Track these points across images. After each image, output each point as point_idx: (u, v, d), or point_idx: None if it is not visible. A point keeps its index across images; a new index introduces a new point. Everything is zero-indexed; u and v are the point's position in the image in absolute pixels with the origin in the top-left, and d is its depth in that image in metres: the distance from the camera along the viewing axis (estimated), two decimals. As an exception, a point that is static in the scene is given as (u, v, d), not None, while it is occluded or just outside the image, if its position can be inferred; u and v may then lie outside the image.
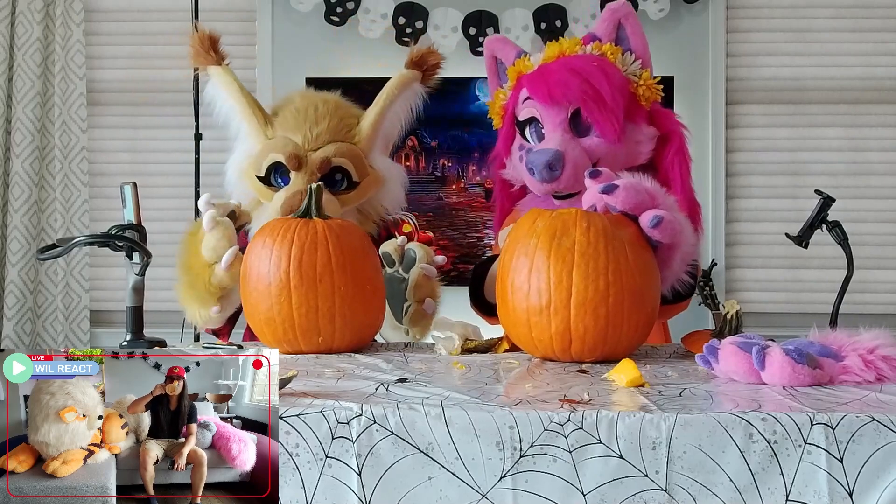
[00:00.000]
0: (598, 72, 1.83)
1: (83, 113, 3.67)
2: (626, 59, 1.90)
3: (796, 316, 3.58)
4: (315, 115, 2.00)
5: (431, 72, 2.09)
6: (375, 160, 2.03)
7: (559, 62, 1.89)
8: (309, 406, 1.11)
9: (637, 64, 1.90)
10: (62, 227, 3.64)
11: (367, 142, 2.02)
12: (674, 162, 1.89)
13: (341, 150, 1.97)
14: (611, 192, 1.51)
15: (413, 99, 2.06)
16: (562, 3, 3.55)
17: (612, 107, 1.81)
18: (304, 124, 1.99)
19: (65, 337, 3.67)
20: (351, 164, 1.97)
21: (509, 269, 1.51)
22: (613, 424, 1.08)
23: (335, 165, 1.96)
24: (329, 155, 1.95)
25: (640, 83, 1.88)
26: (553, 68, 1.89)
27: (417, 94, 2.07)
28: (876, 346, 1.35)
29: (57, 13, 3.64)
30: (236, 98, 2.04)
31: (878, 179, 3.64)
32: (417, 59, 2.08)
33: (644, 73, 1.89)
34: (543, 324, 1.47)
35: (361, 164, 1.99)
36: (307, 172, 1.94)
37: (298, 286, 1.57)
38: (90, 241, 1.64)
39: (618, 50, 1.91)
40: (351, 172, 1.97)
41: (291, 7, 3.59)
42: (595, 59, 1.87)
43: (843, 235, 1.73)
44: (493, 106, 2.06)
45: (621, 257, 1.47)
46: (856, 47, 3.64)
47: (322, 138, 1.97)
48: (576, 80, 1.82)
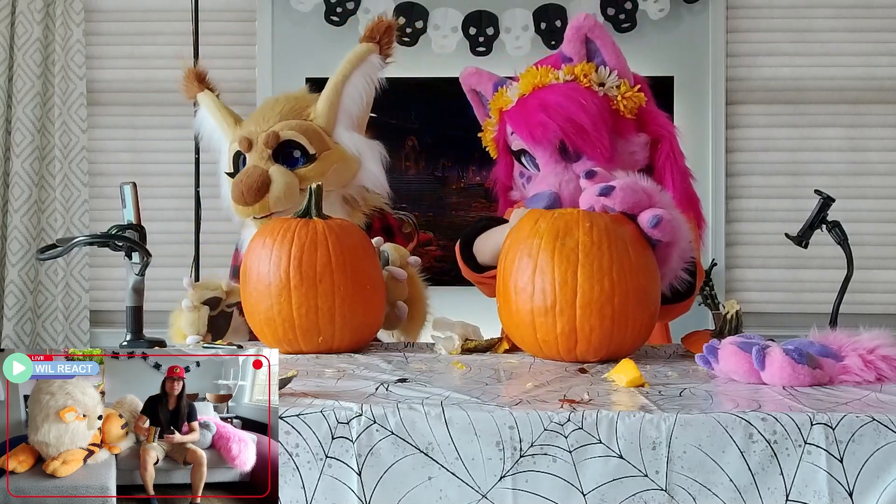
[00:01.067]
0: (573, 104, 1.80)
1: (83, 113, 3.67)
2: (601, 73, 1.86)
3: (796, 316, 3.58)
4: (273, 104, 2.05)
5: (387, 41, 2.06)
6: (340, 136, 2.03)
7: (534, 98, 1.86)
8: (309, 406, 1.11)
9: (614, 76, 1.86)
10: (62, 227, 3.64)
11: (324, 118, 2.02)
12: (665, 166, 1.88)
13: (290, 125, 1.98)
14: (608, 193, 1.51)
15: (371, 71, 2.04)
16: (562, 3, 3.55)
17: (595, 135, 1.79)
18: (261, 115, 2.04)
19: (65, 337, 3.67)
20: (303, 137, 1.97)
21: (512, 271, 1.50)
22: (613, 424, 1.08)
23: (286, 140, 1.96)
24: (276, 130, 1.97)
25: (619, 97, 1.85)
26: (530, 106, 1.86)
27: (375, 66, 2.04)
28: (876, 346, 1.35)
29: (57, 13, 3.64)
30: (215, 114, 2.10)
31: (878, 179, 3.64)
32: (370, 31, 2.05)
33: (623, 85, 1.86)
34: (549, 324, 1.46)
35: (317, 137, 1.99)
36: (257, 151, 1.96)
37: (298, 286, 1.57)
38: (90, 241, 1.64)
39: (591, 67, 1.86)
40: (304, 145, 1.97)
41: (291, 7, 3.59)
42: (569, 89, 1.83)
43: (843, 235, 1.73)
44: (484, 137, 2.05)
45: (624, 257, 1.47)
46: (856, 47, 3.64)
47: (272, 120, 2.00)
48: (553, 117, 1.81)
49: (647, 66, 3.55)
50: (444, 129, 3.51)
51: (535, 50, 3.46)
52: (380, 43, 2.04)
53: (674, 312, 1.76)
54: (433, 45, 3.57)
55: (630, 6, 3.54)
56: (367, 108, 2.08)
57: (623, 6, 3.54)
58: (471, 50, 3.56)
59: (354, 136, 2.04)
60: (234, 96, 2.29)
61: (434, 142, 3.48)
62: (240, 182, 1.94)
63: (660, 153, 1.89)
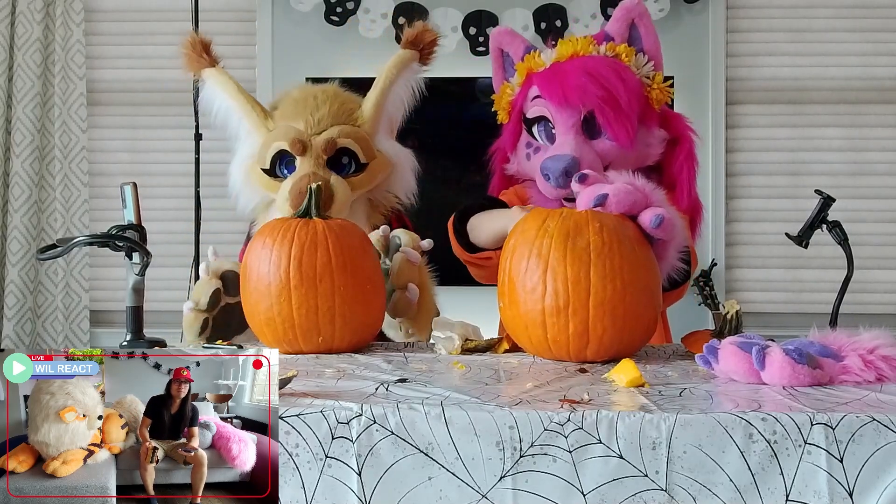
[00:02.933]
0: (615, 76, 1.81)
1: (83, 113, 3.67)
2: (639, 60, 1.87)
3: (796, 316, 3.58)
4: (315, 102, 1.99)
5: (429, 50, 2.05)
6: (382, 143, 2.01)
7: (574, 63, 1.86)
8: (309, 406, 1.11)
9: (650, 65, 1.88)
10: (62, 227, 3.64)
11: (370, 124, 1.99)
12: (683, 167, 1.89)
13: (345, 131, 1.95)
14: (602, 203, 1.51)
15: (412, 78, 2.03)
16: (562, 2, 3.55)
17: (628, 112, 1.79)
18: (305, 111, 1.98)
19: (65, 337, 3.67)
20: (357, 146, 1.94)
21: (519, 271, 1.49)
22: (613, 424, 1.08)
23: (341, 147, 1.93)
24: (334, 136, 1.93)
25: (652, 86, 1.86)
26: (568, 69, 1.85)
27: (416, 73, 2.03)
28: (876, 346, 1.35)
29: (57, 13, 3.64)
30: (233, 96, 2.01)
31: (878, 179, 3.64)
32: (413, 38, 2.04)
33: (657, 76, 1.87)
34: (561, 324, 1.46)
35: (368, 145, 1.97)
36: (312, 156, 1.92)
37: (298, 286, 1.57)
38: (90, 241, 1.64)
39: (632, 51, 1.88)
40: (358, 154, 1.94)
41: (291, 7, 3.59)
42: (611, 62, 1.84)
43: (843, 235, 1.73)
44: (498, 100, 2.03)
45: (632, 256, 1.47)
46: (856, 47, 3.64)
47: (325, 122, 1.96)
48: (593, 83, 1.80)
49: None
50: (444, 129, 3.51)
51: (541, 47, 3.46)
52: (421, 52, 2.04)
53: (670, 299, 1.76)
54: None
55: (630, 6, 3.54)
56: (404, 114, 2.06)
57: (623, 6, 3.54)
58: (471, 50, 3.56)
59: (393, 144, 2.03)
60: (233, 96, 2.26)
61: (434, 142, 3.48)
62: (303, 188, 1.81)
63: (678, 154, 1.89)
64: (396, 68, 2.01)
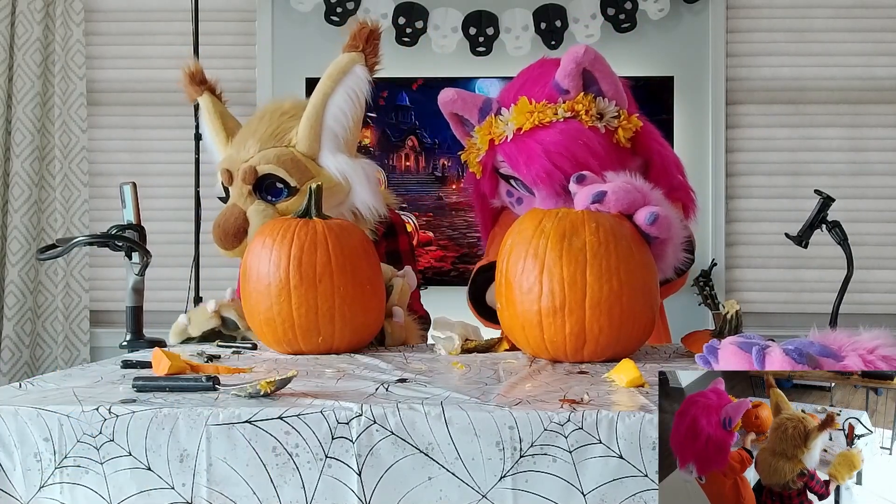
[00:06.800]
0: (582, 149, 1.76)
1: (83, 113, 3.67)
2: (600, 105, 1.81)
3: (796, 316, 3.58)
4: (258, 123, 1.93)
5: (372, 49, 1.89)
6: (325, 160, 1.89)
7: (535, 138, 1.80)
8: (309, 406, 1.11)
9: (613, 107, 1.82)
10: (62, 227, 3.65)
11: (306, 143, 1.88)
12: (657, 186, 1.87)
13: (267, 157, 1.85)
14: (601, 200, 1.51)
15: (357, 85, 1.87)
16: (562, 3, 3.55)
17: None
18: (247, 134, 1.93)
19: (65, 337, 3.67)
20: (282, 170, 1.84)
21: (516, 272, 1.50)
22: (613, 424, 1.08)
23: (263, 174, 1.85)
24: (255, 164, 1.85)
25: (619, 129, 1.82)
26: (532, 149, 1.79)
27: (361, 78, 1.87)
28: (876, 346, 1.35)
29: (57, 13, 3.65)
30: (209, 122, 2.03)
31: (878, 179, 3.64)
32: (352, 39, 1.90)
33: (622, 115, 1.82)
34: (557, 325, 1.46)
35: (297, 167, 1.85)
36: (237, 186, 1.87)
37: (298, 286, 1.57)
38: (90, 241, 1.65)
39: (590, 98, 1.81)
40: (285, 178, 1.84)
41: (291, 7, 3.60)
42: (573, 132, 1.78)
43: (843, 235, 1.73)
44: (468, 157, 1.99)
45: (629, 256, 1.47)
46: (856, 47, 3.64)
47: (252, 148, 1.88)
48: (559, 164, 1.76)
49: (647, 66, 3.58)
50: (444, 129, 3.50)
51: (535, 50, 3.46)
52: (364, 51, 1.89)
53: (672, 289, 1.76)
54: (433, 45, 3.56)
55: (630, 6, 3.54)
56: (356, 125, 1.92)
57: (623, 6, 3.54)
58: (471, 50, 3.56)
59: (340, 159, 1.88)
60: (234, 96, 2.27)
61: (434, 142, 3.48)
62: (218, 227, 1.84)
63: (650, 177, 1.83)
64: (332, 79, 1.88)
